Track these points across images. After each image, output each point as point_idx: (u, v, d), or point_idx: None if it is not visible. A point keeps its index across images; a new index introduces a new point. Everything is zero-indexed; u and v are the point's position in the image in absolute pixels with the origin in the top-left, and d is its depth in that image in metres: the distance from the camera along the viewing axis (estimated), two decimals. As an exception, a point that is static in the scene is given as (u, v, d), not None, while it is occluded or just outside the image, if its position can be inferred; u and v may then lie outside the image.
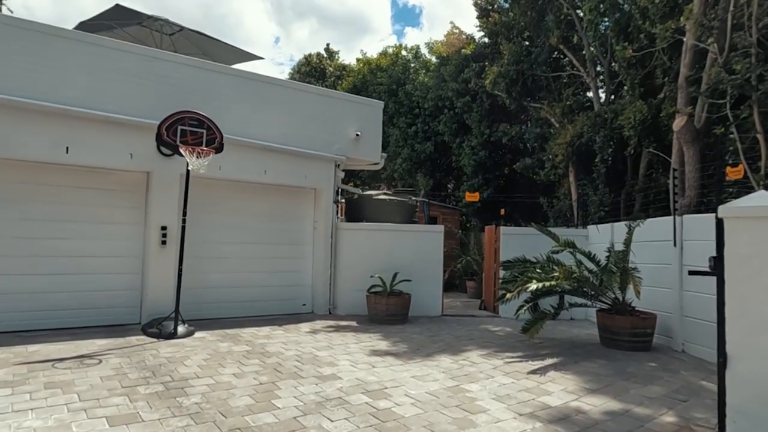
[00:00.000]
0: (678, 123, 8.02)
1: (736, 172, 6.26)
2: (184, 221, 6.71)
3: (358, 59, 23.16)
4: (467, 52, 16.60)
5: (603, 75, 12.71)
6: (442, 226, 9.96)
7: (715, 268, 3.52)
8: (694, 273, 4.08)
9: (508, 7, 15.06)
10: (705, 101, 8.22)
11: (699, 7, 8.03)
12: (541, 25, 13.49)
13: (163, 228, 7.24)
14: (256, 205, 8.56)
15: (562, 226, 12.29)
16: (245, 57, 11.43)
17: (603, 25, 11.89)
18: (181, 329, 6.53)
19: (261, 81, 8.51)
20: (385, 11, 60.29)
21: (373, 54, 23.34)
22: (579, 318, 9.12)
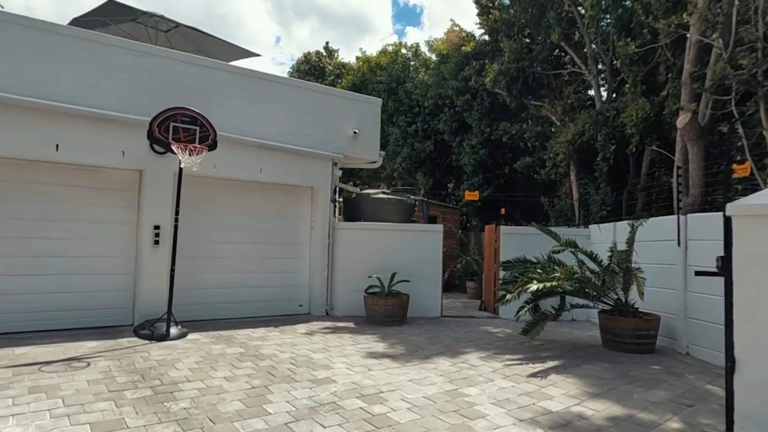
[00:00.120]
0: (682, 120, 7.86)
1: (742, 170, 6.11)
2: (176, 220, 6.58)
3: (358, 57, 23.00)
4: (467, 49, 16.43)
5: (605, 73, 12.56)
6: (441, 226, 9.81)
7: (723, 269, 3.37)
8: (700, 274, 3.91)
9: (509, 4, 14.90)
10: (709, 98, 8.07)
11: (703, 2, 7.87)
12: (542, 22, 13.34)
13: (156, 227, 7.11)
14: (252, 204, 8.40)
15: (563, 225, 12.16)
16: (242, 54, 11.29)
17: (605, 22, 11.73)
18: (173, 331, 6.40)
19: (257, 77, 8.36)
20: (386, 11, 60.18)
21: (372, 52, 23.15)
22: (580, 319, 8.97)
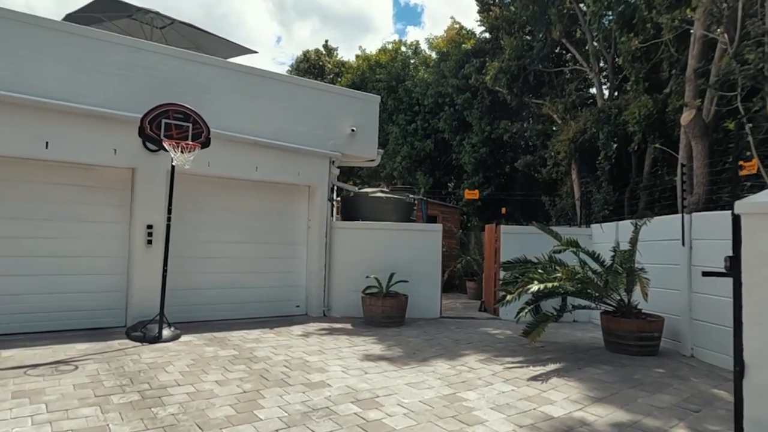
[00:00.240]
0: (686, 117, 7.69)
1: (749, 167, 5.95)
2: (169, 219, 6.43)
3: (357, 56, 22.81)
4: (467, 47, 16.26)
5: (606, 71, 12.39)
6: (441, 225, 9.65)
7: (732, 269, 3.19)
8: (708, 274, 3.74)
9: (510, 1, 14.73)
10: (714, 94, 7.90)
11: (708, -5, 7.70)
12: (543, 19, 13.16)
13: (149, 227, 6.96)
14: (248, 202, 8.25)
15: (565, 225, 12.00)
16: (239, 51, 11.14)
17: (607, 19, 11.56)
18: (166, 333, 6.26)
19: (252, 74, 8.20)
20: (387, 10, 59.87)
21: (372, 50, 22.97)
22: (582, 320, 8.82)
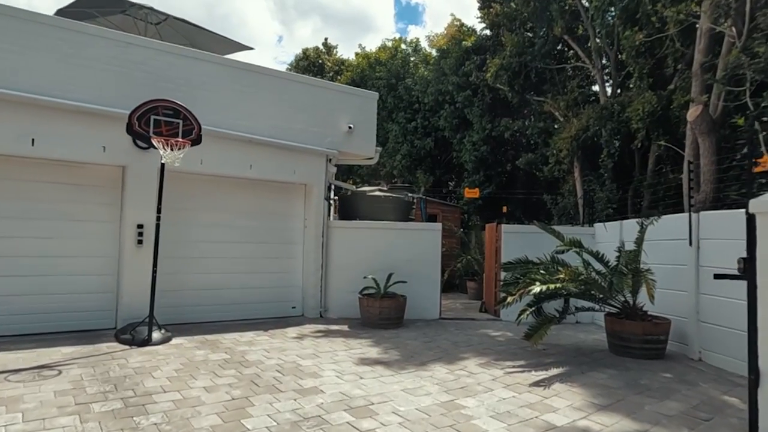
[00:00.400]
0: (693, 113, 7.47)
1: (762, 164, 5.75)
2: (158, 219, 6.24)
3: (357, 53, 22.61)
4: (468, 44, 16.04)
5: (609, 67, 12.16)
6: (440, 224, 9.44)
7: (746, 271, 3.00)
8: (720, 277, 3.53)
9: (511, -3, 14.50)
10: (721, 89, 7.67)
11: (715, -12, 7.48)
12: (545, 15, 12.93)
13: (140, 226, 6.77)
14: (242, 201, 8.05)
15: (567, 224, 11.79)
16: (235, 47, 10.93)
17: (610, 15, 11.33)
18: (156, 335, 6.06)
19: (247, 70, 8.00)
20: (388, 9, 59.57)
21: (372, 48, 22.75)
22: (585, 321, 8.60)
